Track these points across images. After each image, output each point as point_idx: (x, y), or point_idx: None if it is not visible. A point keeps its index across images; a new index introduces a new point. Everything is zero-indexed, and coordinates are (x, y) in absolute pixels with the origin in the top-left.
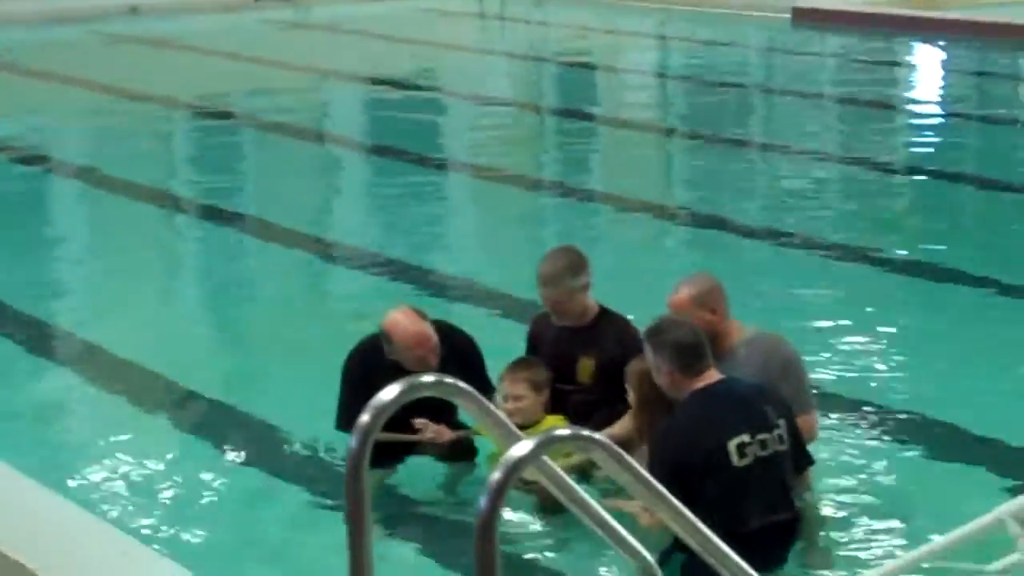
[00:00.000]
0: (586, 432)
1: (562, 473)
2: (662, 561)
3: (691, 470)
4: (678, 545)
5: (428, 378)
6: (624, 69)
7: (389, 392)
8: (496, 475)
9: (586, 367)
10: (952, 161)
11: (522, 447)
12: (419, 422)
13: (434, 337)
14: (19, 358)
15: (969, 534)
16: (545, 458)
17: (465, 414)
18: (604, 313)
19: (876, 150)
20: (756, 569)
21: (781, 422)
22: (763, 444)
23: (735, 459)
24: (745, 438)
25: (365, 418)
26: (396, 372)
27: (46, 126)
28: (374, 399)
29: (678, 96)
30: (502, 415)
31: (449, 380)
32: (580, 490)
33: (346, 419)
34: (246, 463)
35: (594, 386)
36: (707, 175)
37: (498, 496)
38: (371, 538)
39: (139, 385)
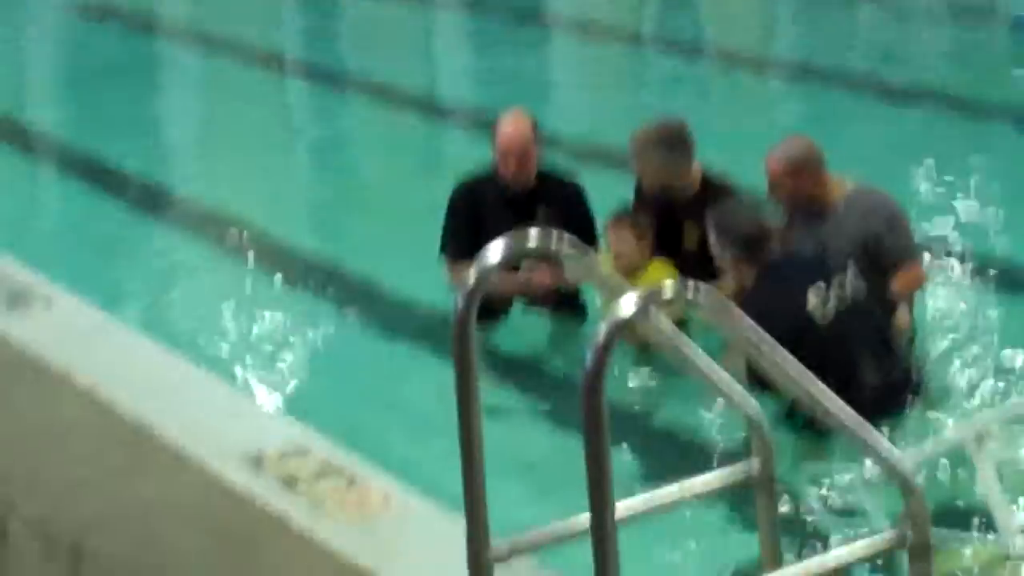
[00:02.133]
0: (691, 283)
1: (670, 324)
2: (786, 417)
3: (781, 336)
4: (797, 404)
5: (534, 234)
6: None
7: (494, 252)
8: (602, 330)
9: (691, 235)
10: None
11: (627, 303)
12: (523, 272)
13: (527, 146)
14: (133, 222)
15: None
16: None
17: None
18: (709, 179)
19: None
20: (872, 422)
21: (849, 262)
22: (841, 285)
23: (819, 314)
24: (821, 284)
25: (471, 278)
26: (501, 203)
27: None
28: (479, 258)
29: None
30: (604, 267)
31: (555, 234)
32: (688, 341)
33: (451, 247)
34: (353, 319)
35: (700, 252)
36: (810, 27)
37: (605, 352)
38: (479, 395)
39: (246, 246)
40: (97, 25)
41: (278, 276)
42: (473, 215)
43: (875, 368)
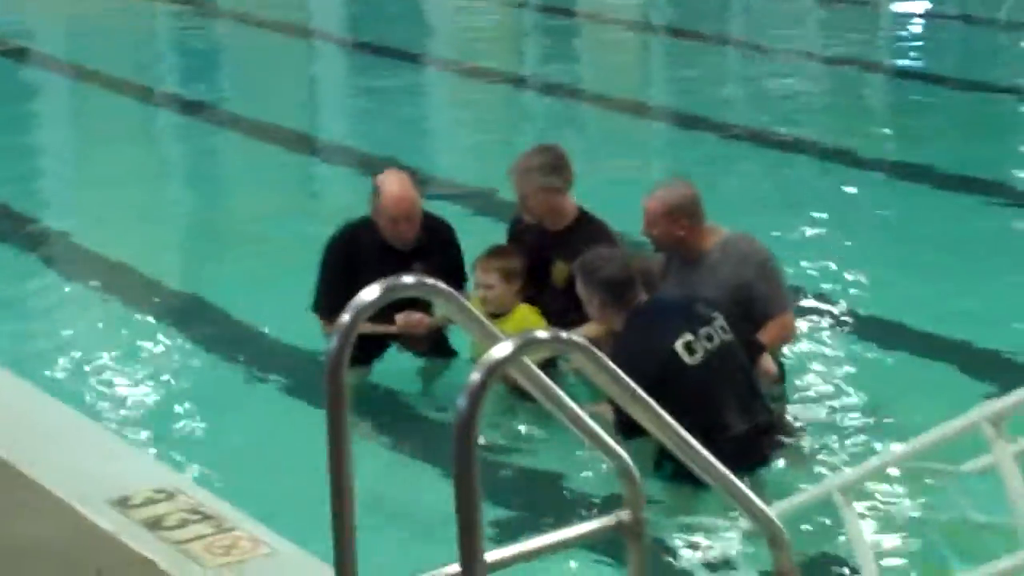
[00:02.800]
0: (565, 334)
1: (540, 373)
2: (655, 468)
3: (649, 380)
4: (666, 452)
5: (409, 279)
6: None
7: (370, 292)
8: (475, 376)
9: (560, 272)
10: (934, 62)
11: (502, 348)
12: (399, 317)
13: (416, 209)
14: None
15: (944, 437)
16: (524, 359)
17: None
18: (582, 217)
19: (858, 50)
20: (737, 471)
21: (716, 314)
22: (708, 337)
23: (686, 358)
24: (688, 336)
25: (345, 317)
26: (377, 255)
27: (25, 17)
28: (355, 299)
29: None
30: (478, 313)
31: (429, 281)
32: (558, 389)
33: (324, 302)
34: (225, 359)
35: (568, 290)
36: (688, 73)
37: (478, 397)
38: (350, 436)
39: (118, 281)
40: None
41: (148, 314)
42: (350, 268)
43: (741, 415)
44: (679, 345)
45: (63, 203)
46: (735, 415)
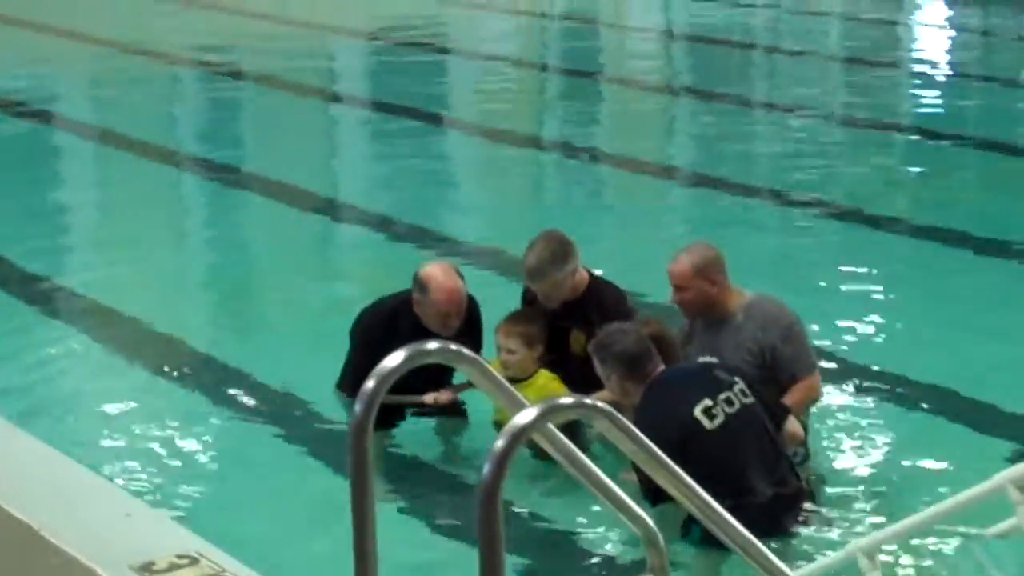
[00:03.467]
0: (589, 400)
1: (564, 439)
2: (683, 533)
3: (671, 446)
4: (694, 517)
5: (433, 345)
6: (628, 27)
7: (394, 359)
8: (500, 443)
9: (578, 339)
10: (956, 122)
11: (526, 415)
12: (428, 398)
13: (465, 299)
14: (20, 313)
15: (969, 500)
16: (549, 425)
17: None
18: (594, 285)
19: (881, 110)
20: (762, 536)
21: (736, 378)
22: (728, 401)
23: (706, 423)
24: (708, 402)
25: (370, 384)
26: (415, 336)
27: (49, 79)
28: (379, 366)
29: (680, 54)
30: (504, 380)
31: (454, 347)
32: (582, 455)
33: (354, 380)
34: (247, 422)
35: (587, 358)
36: (710, 134)
37: (502, 463)
38: (374, 502)
39: (140, 343)
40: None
41: (171, 377)
42: (386, 351)
43: (767, 478)
44: (699, 411)
45: (86, 265)
46: (760, 479)
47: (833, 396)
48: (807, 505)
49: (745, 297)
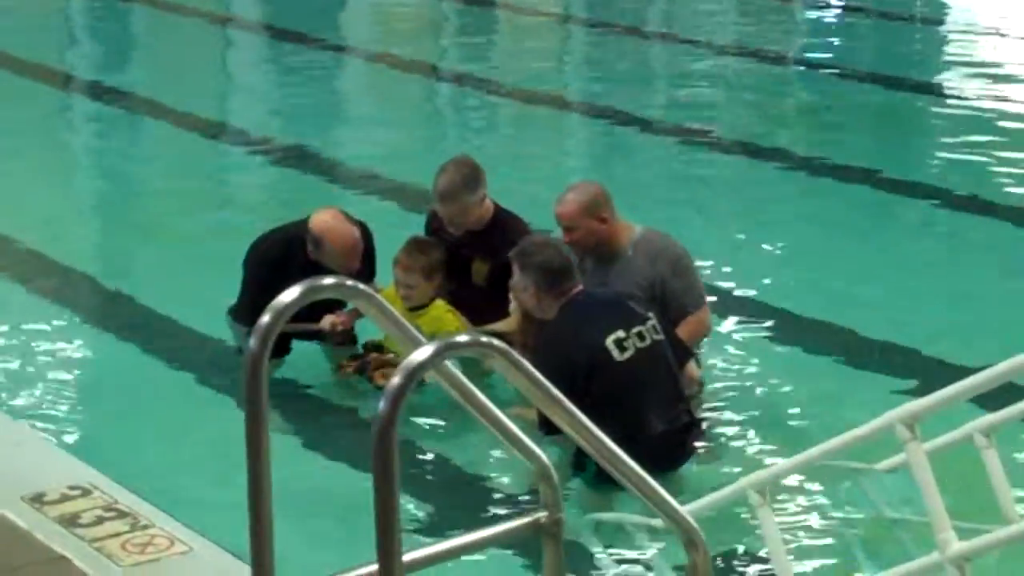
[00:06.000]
0: (485, 338)
1: (461, 376)
2: (575, 464)
3: (576, 369)
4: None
5: (328, 280)
6: None
7: (290, 294)
8: (396, 380)
9: (480, 270)
10: (848, 57)
11: (422, 352)
12: (324, 322)
13: (361, 247)
14: None
15: (858, 438)
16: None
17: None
18: (499, 215)
19: (774, 44)
20: (654, 472)
21: (651, 314)
22: (640, 336)
23: (616, 354)
24: (620, 333)
25: (266, 319)
26: (310, 271)
27: None
28: (275, 300)
29: None
30: (400, 317)
31: (350, 283)
32: (478, 392)
33: (247, 312)
34: (139, 351)
35: (487, 288)
36: (605, 66)
37: (397, 400)
38: (268, 435)
39: (29, 270)
40: None
41: (63, 306)
42: (279, 285)
43: (662, 415)
44: (610, 341)
45: None
46: (656, 415)
47: (726, 335)
48: (699, 442)
49: (635, 232)
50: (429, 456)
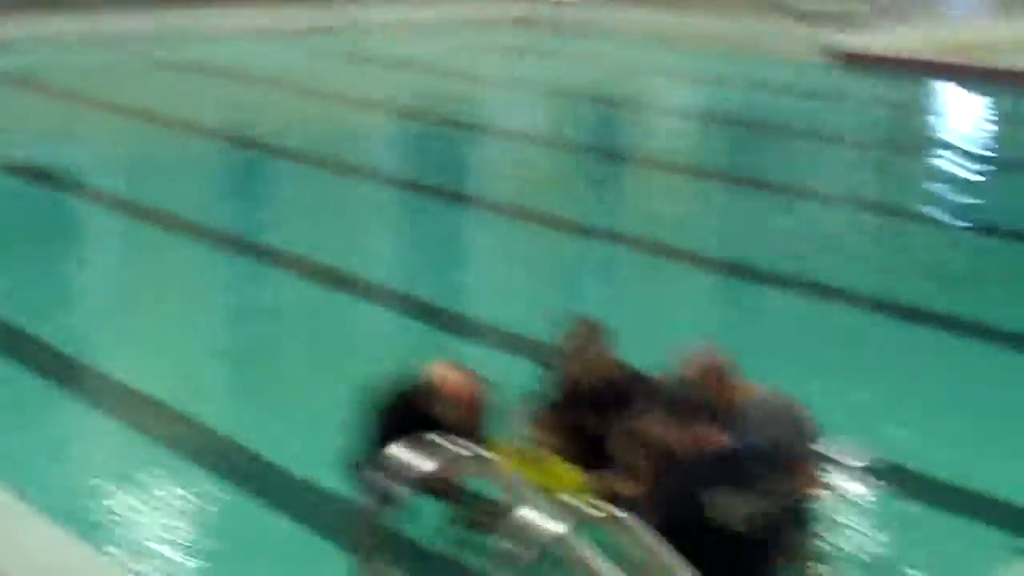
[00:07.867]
0: (618, 513)
1: (591, 553)
2: None
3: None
4: None
5: (466, 453)
6: (659, 109)
7: (428, 464)
8: (529, 552)
9: (596, 426)
10: (985, 212)
11: (559, 525)
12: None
13: (477, 403)
14: (39, 389)
15: None
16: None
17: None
18: (622, 371)
19: (911, 199)
20: None
21: (762, 473)
22: (750, 498)
23: (725, 519)
24: (730, 492)
25: (389, 482)
26: (425, 425)
27: (81, 151)
28: (412, 465)
29: (712, 138)
30: (535, 495)
31: (486, 456)
32: (605, 561)
33: (366, 464)
34: (265, 507)
35: (599, 440)
36: (737, 221)
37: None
38: None
39: (157, 419)
40: (24, 187)
41: (186, 455)
42: (397, 435)
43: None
44: (719, 505)
45: (100, 334)
46: None
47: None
48: None
49: (757, 392)
50: None
